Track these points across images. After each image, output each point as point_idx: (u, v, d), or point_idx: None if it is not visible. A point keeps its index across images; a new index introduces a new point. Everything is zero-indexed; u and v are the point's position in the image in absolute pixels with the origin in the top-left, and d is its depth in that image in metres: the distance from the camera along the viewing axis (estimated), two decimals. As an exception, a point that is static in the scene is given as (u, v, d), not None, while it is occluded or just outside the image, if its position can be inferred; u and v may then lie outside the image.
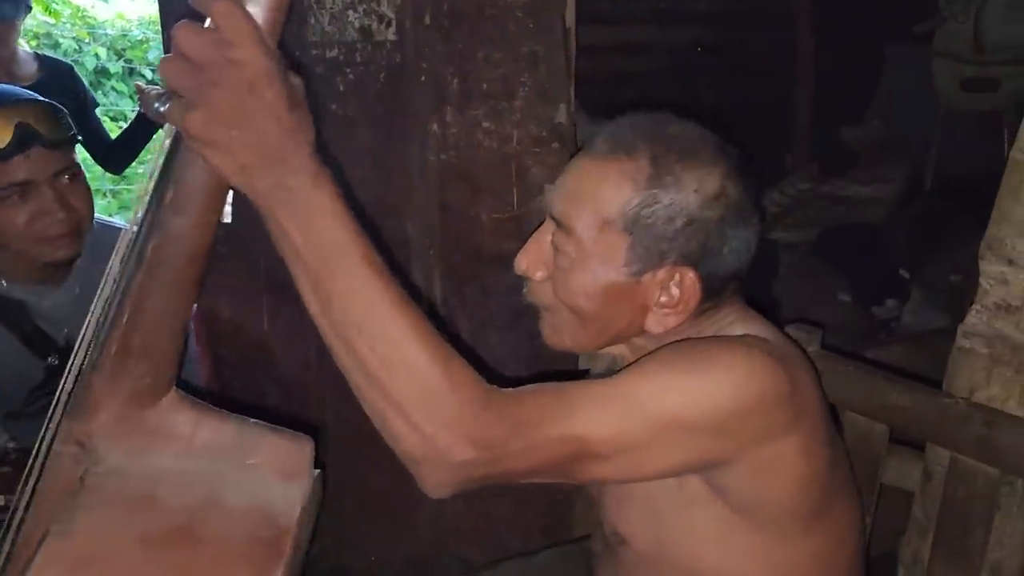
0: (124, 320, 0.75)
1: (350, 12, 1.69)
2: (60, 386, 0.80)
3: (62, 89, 2.71)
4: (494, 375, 0.84)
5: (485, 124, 1.63)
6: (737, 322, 0.98)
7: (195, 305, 0.78)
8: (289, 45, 1.76)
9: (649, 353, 0.93)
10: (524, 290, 1.03)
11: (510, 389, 0.84)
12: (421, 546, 1.91)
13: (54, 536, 0.70)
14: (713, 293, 0.95)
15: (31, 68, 2.74)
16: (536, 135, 1.61)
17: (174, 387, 0.79)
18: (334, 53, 1.73)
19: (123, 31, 6.17)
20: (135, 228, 0.76)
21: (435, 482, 0.81)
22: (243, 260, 1.91)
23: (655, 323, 0.95)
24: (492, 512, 1.85)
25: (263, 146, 0.68)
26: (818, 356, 1.16)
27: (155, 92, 2.61)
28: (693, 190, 0.92)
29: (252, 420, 0.80)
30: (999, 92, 2.63)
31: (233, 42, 0.65)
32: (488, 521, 1.86)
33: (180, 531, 0.72)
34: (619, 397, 0.86)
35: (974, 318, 1.10)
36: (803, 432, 0.91)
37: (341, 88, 1.75)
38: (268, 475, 0.77)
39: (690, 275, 0.93)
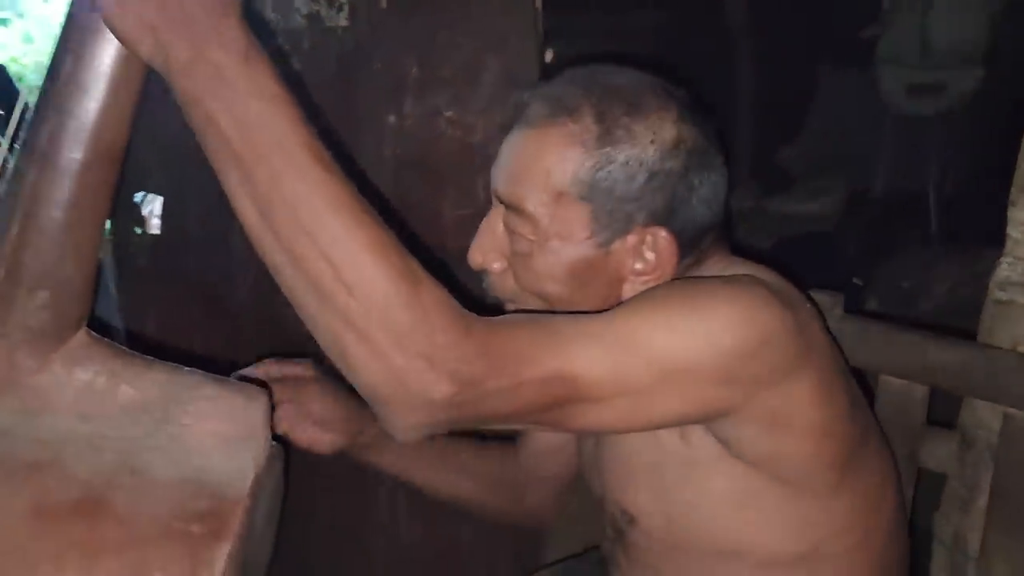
0: (14, 234, 0.59)
1: (296, -3, 1.58)
2: None
3: None
4: (474, 303, 0.72)
5: (447, 113, 1.53)
6: (728, 268, 0.90)
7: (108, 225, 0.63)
8: None
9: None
10: (484, 285, 0.93)
11: (491, 318, 0.74)
12: (377, 578, 1.78)
13: None
14: (690, 248, 0.89)
15: None
16: (503, 123, 1.51)
17: (84, 328, 0.63)
18: (278, 42, 1.62)
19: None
20: (24, 111, 0.62)
21: (405, 424, 0.69)
22: (173, 273, 1.77)
23: (631, 290, 0.88)
24: (456, 537, 1.73)
25: (181, 10, 0.58)
26: (844, 320, 1.09)
27: None
28: (649, 141, 0.86)
29: (188, 369, 0.64)
30: (945, 95, 2.69)
31: None
32: (452, 548, 1.73)
33: (84, 503, 0.57)
34: (616, 336, 0.77)
35: (1007, 270, 1.05)
36: (813, 374, 0.83)
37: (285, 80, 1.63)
38: (207, 438, 0.62)
39: (662, 234, 0.87)
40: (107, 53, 0.58)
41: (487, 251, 0.92)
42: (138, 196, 1.76)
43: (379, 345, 0.64)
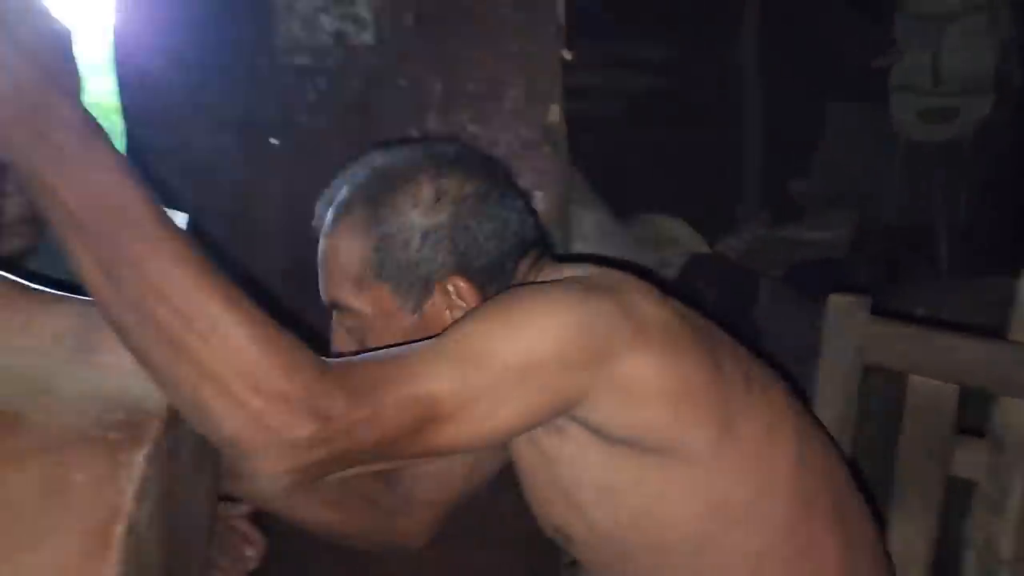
0: None
1: (322, 16, 1.61)
2: None
3: None
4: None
5: (471, 128, 1.55)
6: (551, 276, 0.97)
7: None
8: (254, 52, 1.70)
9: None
10: None
11: (341, 359, 0.77)
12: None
13: None
14: (492, 282, 0.95)
15: None
16: (526, 138, 1.54)
17: None
18: (304, 60, 1.65)
19: None
20: None
21: (273, 470, 0.68)
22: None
23: None
24: (471, 558, 1.71)
25: (18, 93, 0.59)
26: (871, 323, 1.09)
27: None
28: (411, 207, 0.93)
29: (84, 301, 0.64)
30: (957, 121, 2.72)
31: None
32: (468, 569, 1.72)
33: (4, 417, 0.57)
34: (457, 349, 0.81)
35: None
36: (653, 347, 0.88)
37: (311, 98, 1.66)
38: (126, 363, 0.61)
39: (460, 283, 0.93)
40: None
41: (344, 348, 0.97)
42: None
43: (237, 391, 0.64)
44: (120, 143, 1.94)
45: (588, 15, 2.55)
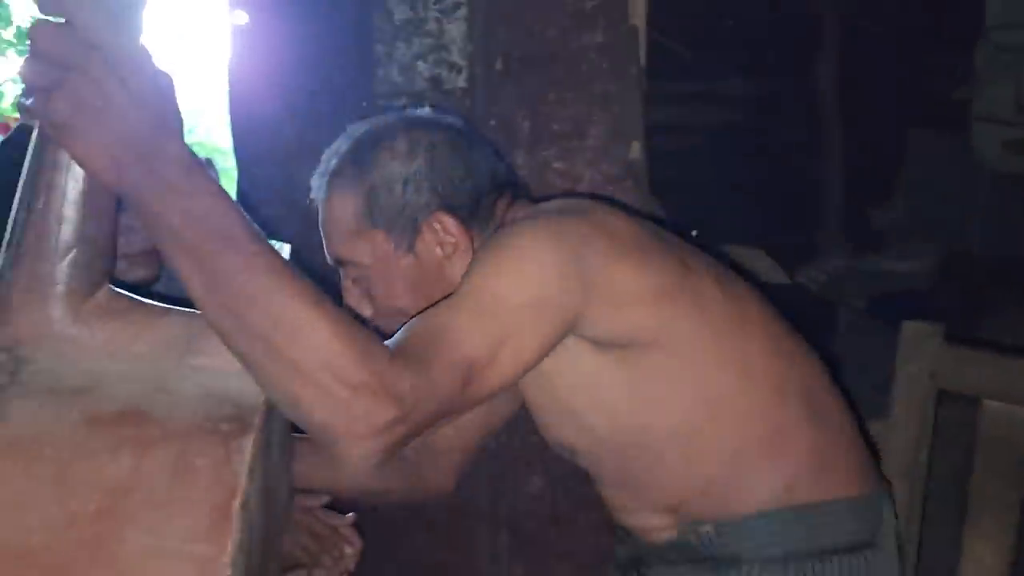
0: (40, 202, 0.67)
1: (420, 63, 1.73)
2: None
3: None
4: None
5: (556, 164, 1.64)
6: (527, 213, 1.08)
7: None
8: (355, 96, 1.82)
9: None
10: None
11: (394, 340, 0.85)
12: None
13: None
14: (473, 215, 1.08)
15: None
16: (609, 174, 1.62)
17: (107, 284, 0.72)
18: (403, 103, 1.76)
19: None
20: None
21: (361, 452, 0.77)
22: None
23: (457, 270, 1.04)
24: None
25: (132, 135, 0.67)
26: (944, 349, 1.13)
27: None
28: (390, 159, 1.06)
29: (192, 313, 0.72)
30: (1043, 151, 2.68)
31: (89, 29, 0.65)
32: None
33: (126, 413, 0.65)
34: (472, 308, 0.91)
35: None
36: (627, 256, 1.00)
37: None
38: (225, 365, 0.70)
39: (444, 218, 1.06)
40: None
41: (356, 304, 1.10)
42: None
43: (324, 383, 0.72)
44: (232, 181, 2.09)
45: (669, 53, 2.62)
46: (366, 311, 1.09)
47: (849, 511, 1.04)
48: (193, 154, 0.70)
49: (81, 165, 0.68)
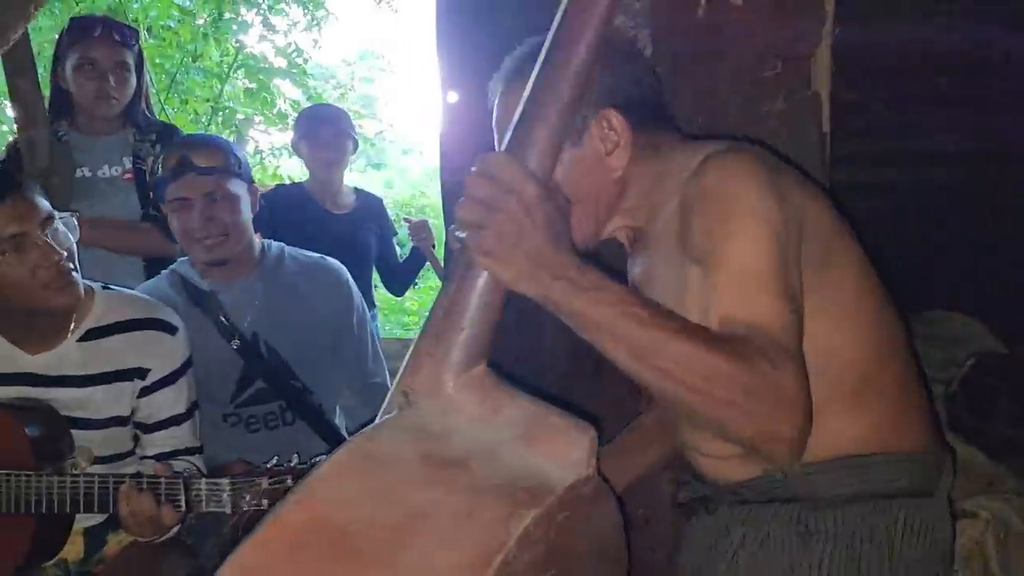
0: (452, 291, 0.91)
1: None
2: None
3: (371, 218, 3.19)
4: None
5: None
6: (696, 149, 1.14)
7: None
8: None
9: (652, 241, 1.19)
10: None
11: (760, 348, 0.96)
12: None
13: (362, 435, 0.87)
14: (638, 120, 1.17)
15: (350, 199, 3.20)
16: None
17: (484, 363, 0.90)
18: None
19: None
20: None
21: (785, 454, 0.96)
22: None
23: (616, 164, 1.16)
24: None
25: (540, 254, 0.89)
26: None
27: (453, 228, 3.00)
28: None
29: (544, 403, 0.90)
30: None
31: (507, 180, 0.89)
32: None
33: (455, 461, 0.83)
34: (752, 279, 1.00)
35: None
36: (811, 197, 1.13)
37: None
38: (547, 449, 0.86)
39: (611, 115, 1.16)
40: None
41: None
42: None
43: (745, 408, 0.92)
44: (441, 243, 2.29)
45: (861, 110, 2.56)
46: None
47: (916, 463, 1.16)
48: (581, 259, 0.92)
49: (499, 280, 0.91)
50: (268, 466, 1.49)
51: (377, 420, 0.90)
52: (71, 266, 1.60)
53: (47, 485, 1.52)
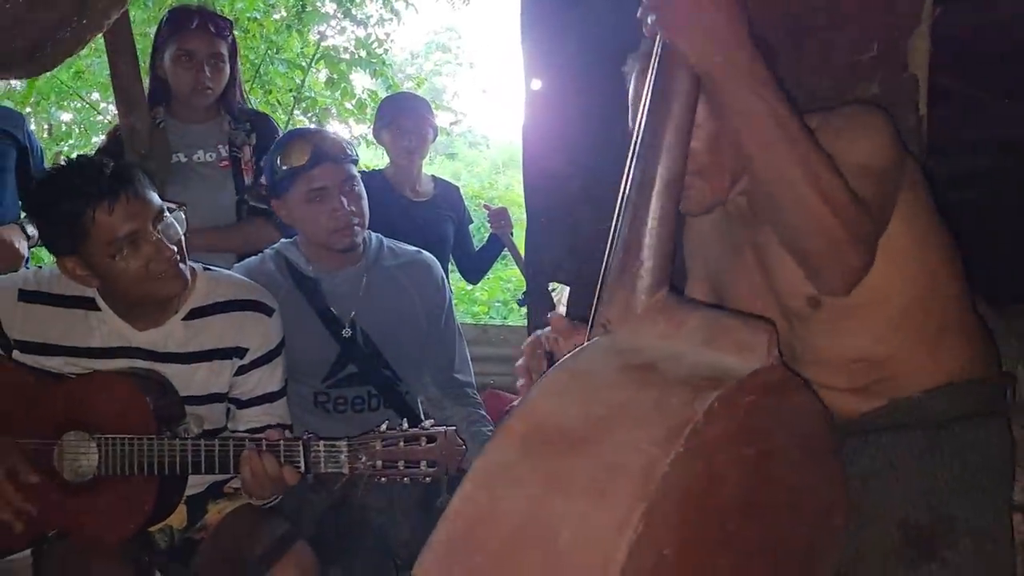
0: (627, 229, 1.04)
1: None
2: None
3: (450, 206, 3.22)
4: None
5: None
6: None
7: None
8: None
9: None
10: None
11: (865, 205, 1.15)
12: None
13: (566, 359, 1.00)
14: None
15: (429, 187, 3.24)
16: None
17: (665, 288, 1.01)
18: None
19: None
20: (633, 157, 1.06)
21: (833, 281, 1.18)
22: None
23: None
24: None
25: (714, 31, 1.02)
26: None
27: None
28: None
29: (716, 312, 1.03)
30: None
31: None
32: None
33: (646, 366, 0.96)
34: (869, 170, 1.20)
35: None
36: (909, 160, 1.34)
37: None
38: (727, 346, 0.96)
39: None
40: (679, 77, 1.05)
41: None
42: (551, 287, 2.08)
43: (843, 236, 1.11)
44: (523, 228, 2.32)
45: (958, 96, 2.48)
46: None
47: (998, 388, 1.39)
48: (754, 46, 1.04)
49: (681, 51, 1.03)
50: (380, 431, 1.53)
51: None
52: (180, 257, 1.68)
53: (170, 448, 1.59)
